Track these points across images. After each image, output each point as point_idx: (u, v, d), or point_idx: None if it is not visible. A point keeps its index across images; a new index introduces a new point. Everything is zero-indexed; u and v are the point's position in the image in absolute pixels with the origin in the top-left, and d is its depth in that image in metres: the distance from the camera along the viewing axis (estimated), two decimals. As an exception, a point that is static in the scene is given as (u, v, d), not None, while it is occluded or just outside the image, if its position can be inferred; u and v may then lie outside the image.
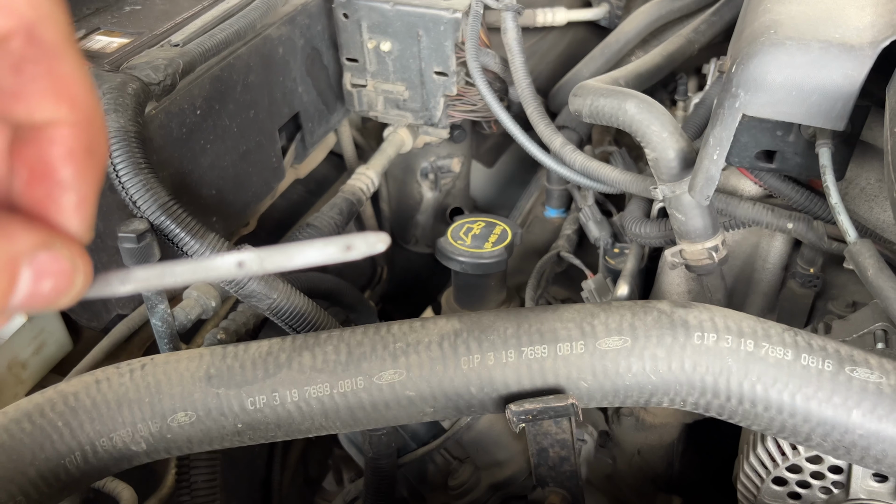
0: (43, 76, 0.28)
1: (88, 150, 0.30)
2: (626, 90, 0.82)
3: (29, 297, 0.29)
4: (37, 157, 0.30)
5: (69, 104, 0.29)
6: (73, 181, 0.30)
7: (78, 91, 0.29)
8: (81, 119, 0.30)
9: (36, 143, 0.29)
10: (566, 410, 0.61)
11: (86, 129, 0.30)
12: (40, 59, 0.28)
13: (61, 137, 0.29)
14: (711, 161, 0.72)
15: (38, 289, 0.29)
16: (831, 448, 0.58)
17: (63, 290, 0.30)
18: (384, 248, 0.32)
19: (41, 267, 0.29)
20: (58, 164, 0.30)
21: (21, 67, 0.28)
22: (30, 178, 0.30)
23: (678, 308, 0.62)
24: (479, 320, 0.64)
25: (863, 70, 0.64)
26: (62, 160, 0.30)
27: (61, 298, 0.30)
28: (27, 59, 0.28)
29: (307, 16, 1.02)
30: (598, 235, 1.06)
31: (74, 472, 0.60)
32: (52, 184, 0.30)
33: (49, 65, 0.28)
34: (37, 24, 0.28)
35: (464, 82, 1.06)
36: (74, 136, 0.30)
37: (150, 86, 0.75)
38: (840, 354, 0.58)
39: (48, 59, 0.28)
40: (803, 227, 0.83)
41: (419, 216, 1.33)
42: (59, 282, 0.30)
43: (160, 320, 0.76)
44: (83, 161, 0.30)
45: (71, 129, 0.29)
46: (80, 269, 0.30)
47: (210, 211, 0.88)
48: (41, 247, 0.29)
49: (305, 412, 0.62)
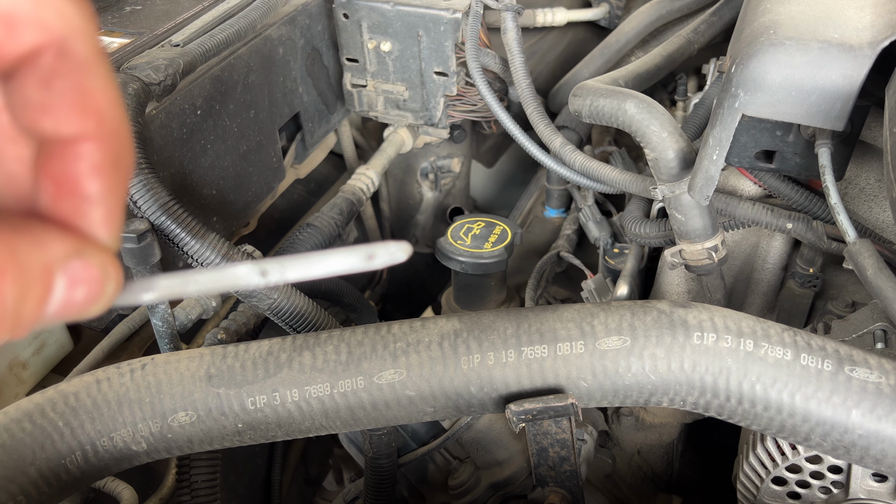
0: (71, 91, 0.28)
1: (115, 164, 0.30)
2: (625, 90, 0.82)
3: (63, 305, 0.29)
4: (63, 172, 0.29)
5: (96, 119, 0.29)
6: (100, 195, 0.30)
7: (105, 105, 0.29)
8: (108, 133, 0.30)
9: (62, 157, 0.29)
10: (566, 410, 0.61)
11: (112, 143, 0.30)
12: (70, 74, 0.28)
13: (88, 152, 0.29)
14: (711, 161, 0.72)
15: (71, 297, 0.29)
16: (831, 448, 0.58)
17: (95, 297, 0.30)
18: (405, 257, 0.32)
19: (74, 274, 0.29)
20: (84, 179, 0.30)
21: (51, 82, 0.28)
22: (56, 192, 0.30)
23: (678, 308, 0.62)
24: (479, 320, 0.64)
25: (862, 70, 0.64)
26: (89, 175, 0.30)
27: (93, 306, 0.30)
28: (57, 74, 0.28)
29: (307, 16, 1.02)
30: (597, 235, 1.06)
31: (75, 471, 0.60)
32: (79, 198, 0.30)
33: (78, 79, 0.28)
34: (68, 38, 0.28)
35: (464, 82, 1.06)
36: (101, 151, 0.29)
37: (151, 86, 0.75)
38: (839, 354, 0.58)
39: (77, 73, 0.28)
40: (803, 227, 0.83)
41: (419, 216, 1.33)
42: (91, 289, 0.30)
43: (160, 320, 0.76)
44: (110, 175, 0.30)
45: (97, 143, 0.29)
46: (111, 276, 0.31)
47: (210, 211, 0.88)
48: (74, 254, 0.29)
49: (306, 412, 0.62)
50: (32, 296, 0.28)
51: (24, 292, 0.27)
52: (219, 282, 0.32)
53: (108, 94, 0.29)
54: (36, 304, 0.28)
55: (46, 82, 0.28)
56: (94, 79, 0.29)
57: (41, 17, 0.27)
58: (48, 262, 0.28)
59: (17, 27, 0.26)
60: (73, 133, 0.29)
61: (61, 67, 0.28)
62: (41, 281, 0.28)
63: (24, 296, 0.27)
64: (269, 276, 0.32)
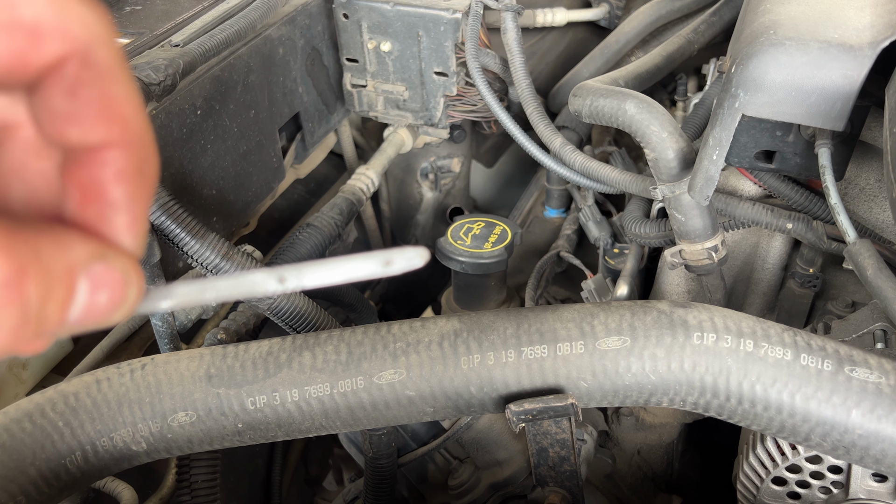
0: (97, 99, 0.29)
1: (139, 171, 0.31)
2: (625, 90, 0.82)
3: (86, 309, 0.29)
4: (88, 179, 0.30)
5: (120, 126, 0.29)
6: (125, 201, 0.30)
7: (129, 112, 0.30)
8: (132, 140, 0.30)
9: (87, 164, 0.30)
10: (566, 410, 0.61)
11: (136, 150, 0.30)
12: (94, 82, 0.28)
13: (112, 159, 0.30)
14: (711, 161, 0.72)
15: (94, 301, 0.29)
16: (831, 448, 0.58)
17: (118, 302, 0.30)
18: (422, 263, 0.32)
19: (97, 277, 0.29)
20: (109, 186, 0.30)
21: (76, 91, 0.28)
22: (82, 199, 0.30)
23: (678, 308, 0.62)
24: (479, 320, 0.64)
25: (862, 70, 0.64)
26: (114, 181, 0.30)
27: (115, 312, 0.30)
28: (82, 83, 0.28)
29: (307, 16, 1.02)
30: (597, 235, 1.06)
31: (75, 471, 0.60)
32: (105, 204, 0.30)
33: (102, 87, 0.29)
34: (91, 47, 0.28)
35: (464, 82, 1.06)
36: (125, 158, 0.30)
37: (151, 86, 0.75)
38: (839, 354, 0.58)
39: (102, 81, 0.29)
40: (803, 228, 0.83)
41: (419, 216, 1.33)
42: (114, 293, 0.30)
43: (160, 320, 0.76)
44: (134, 181, 0.30)
45: (122, 150, 0.30)
46: (134, 281, 0.31)
47: (210, 211, 0.88)
48: (96, 257, 0.29)
49: (306, 412, 0.62)
50: (56, 298, 0.28)
51: (47, 294, 0.27)
52: (236, 289, 0.32)
53: (132, 101, 0.30)
54: (59, 307, 0.28)
55: (72, 92, 0.28)
56: (117, 86, 0.29)
57: (65, 27, 0.27)
58: (71, 264, 0.28)
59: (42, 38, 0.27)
60: (99, 141, 0.29)
61: (85, 76, 0.28)
62: (64, 282, 0.28)
63: (48, 297, 0.27)
64: (286, 282, 0.32)
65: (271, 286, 0.32)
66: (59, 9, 0.27)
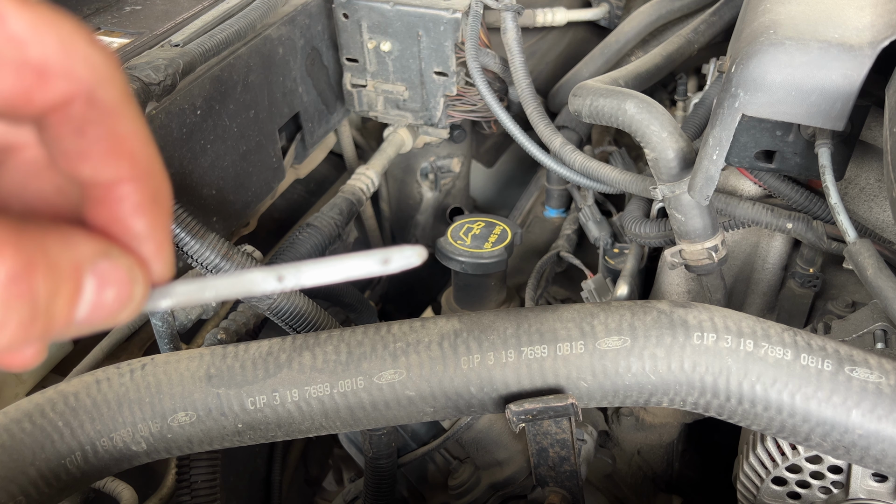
0: (104, 137, 0.30)
1: (154, 201, 0.32)
2: (625, 90, 0.82)
3: (94, 307, 0.30)
4: (109, 217, 0.31)
5: (130, 161, 0.30)
6: (147, 231, 0.32)
7: (137, 148, 0.31)
8: (143, 173, 0.31)
9: (105, 203, 0.31)
10: (566, 410, 0.61)
11: (148, 181, 0.31)
12: (100, 121, 0.29)
13: (127, 194, 0.31)
14: (711, 161, 0.72)
15: (101, 298, 0.30)
16: (831, 448, 0.58)
17: (125, 300, 0.31)
18: (420, 261, 0.32)
19: (103, 275, 0.30)
20: (129, 220, 0.31)
21: (84, 130, 0.29)
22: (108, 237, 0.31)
23: (678, 308, 0.62)
24: (479, 320, 0.64)
25: (862, 70, 0.64)
26: (132, 215, 0.31)
27: (122, 311, 0.31)
28: (88, 122, 0.29)
29: (307, 16, 1.02)
30: (597, 235, 1.06)
31: (75, 471, 0.60)
32: (129, 238, 0.31)
33: (109, 125, 0.30)
34: (96, 86, 0.29)
35: (464, 82, 1.06)
36: (139, 191, 0.31)
37: (151, 86, 0.75)
38: (839, 354, 0.58)
39: (108, 119, 0.29)
40: (803, 227, 0.83)
41: (419, 216, 1.33)
42: (120, 291, 0.30)
43: (160, 320, 0.76)
44: (152, 211, 0.32)
45: (135, 184, 0.31)
46: (139, 279, 0.31)
47: (210, 211, 0.88)
48: (102, 255, 0.30)
49: (305, 412, 0.62)
50: (63, 294, 0.28)
51: (55, 289, 0.28)
52: (235, 287, 0.33)
53: (139, 137, 0.31)
54: (67, 304, 0.29)
55: (80, 131, 0.29)
56: (124, 123, 0.30)
57: (71, 68, 0.28)
58: (77, 261, 0.29)
59: (49, 77, 0.28)
60: (111, 177, 0.30)
61: (92, 115, 0.29)
62: (71, 278, 0.29)
63: (56, 293, 0.28)
64: (285, 281, 0.32)
65: (270, 284, 0.32)
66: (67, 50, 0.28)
